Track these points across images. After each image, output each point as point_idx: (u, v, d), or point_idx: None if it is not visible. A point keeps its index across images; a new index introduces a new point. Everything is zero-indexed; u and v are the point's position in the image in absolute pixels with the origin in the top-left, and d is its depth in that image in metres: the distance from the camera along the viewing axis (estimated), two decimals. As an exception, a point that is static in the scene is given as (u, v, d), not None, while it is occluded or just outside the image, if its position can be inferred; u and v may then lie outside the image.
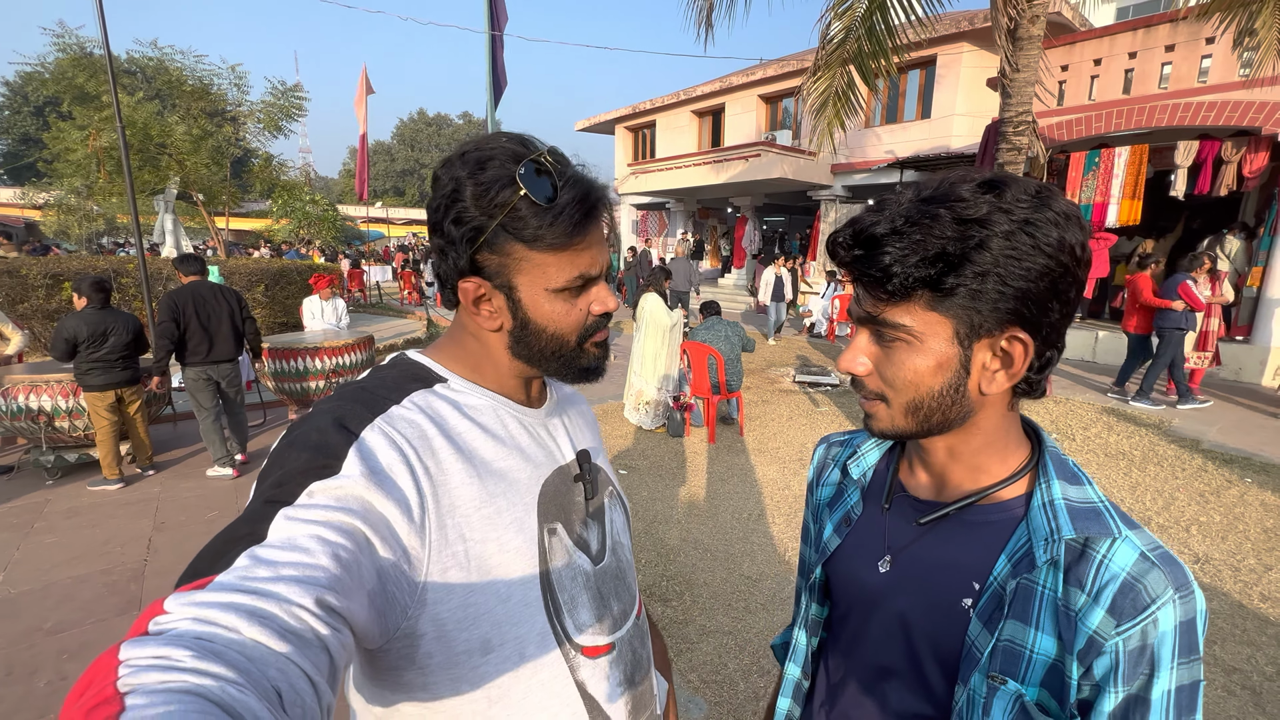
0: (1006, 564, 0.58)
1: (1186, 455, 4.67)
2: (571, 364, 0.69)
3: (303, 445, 0.54)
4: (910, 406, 0.58)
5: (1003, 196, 0.52)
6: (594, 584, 0.71)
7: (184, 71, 10.19)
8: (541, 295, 0.65)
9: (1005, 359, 0.56)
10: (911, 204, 0.54)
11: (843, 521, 0.73)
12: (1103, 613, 0.52)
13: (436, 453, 0.59)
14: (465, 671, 0.60)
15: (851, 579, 0.70)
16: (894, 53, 5.82)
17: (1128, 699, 0.52)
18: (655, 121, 18.02)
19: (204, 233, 13.42)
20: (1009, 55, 4.78)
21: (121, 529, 3.55)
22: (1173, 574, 0.53)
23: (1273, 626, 2.62)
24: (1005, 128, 4.97)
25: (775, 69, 14.24)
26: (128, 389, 4.07)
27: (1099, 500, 0.58)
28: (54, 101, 10.55)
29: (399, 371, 0.67)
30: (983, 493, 0.61)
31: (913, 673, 0.64)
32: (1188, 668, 0.52)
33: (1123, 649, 0.51)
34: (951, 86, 11.42)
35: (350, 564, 0.48)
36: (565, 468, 0.73)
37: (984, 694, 0.57)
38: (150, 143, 9.50)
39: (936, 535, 0.63)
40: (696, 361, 5.14)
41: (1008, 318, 0.54)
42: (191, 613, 0.39)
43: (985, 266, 0.51)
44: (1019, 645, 0.55)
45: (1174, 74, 7.34)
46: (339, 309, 6.54)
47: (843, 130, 6.45)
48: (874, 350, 0.59)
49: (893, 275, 0.53)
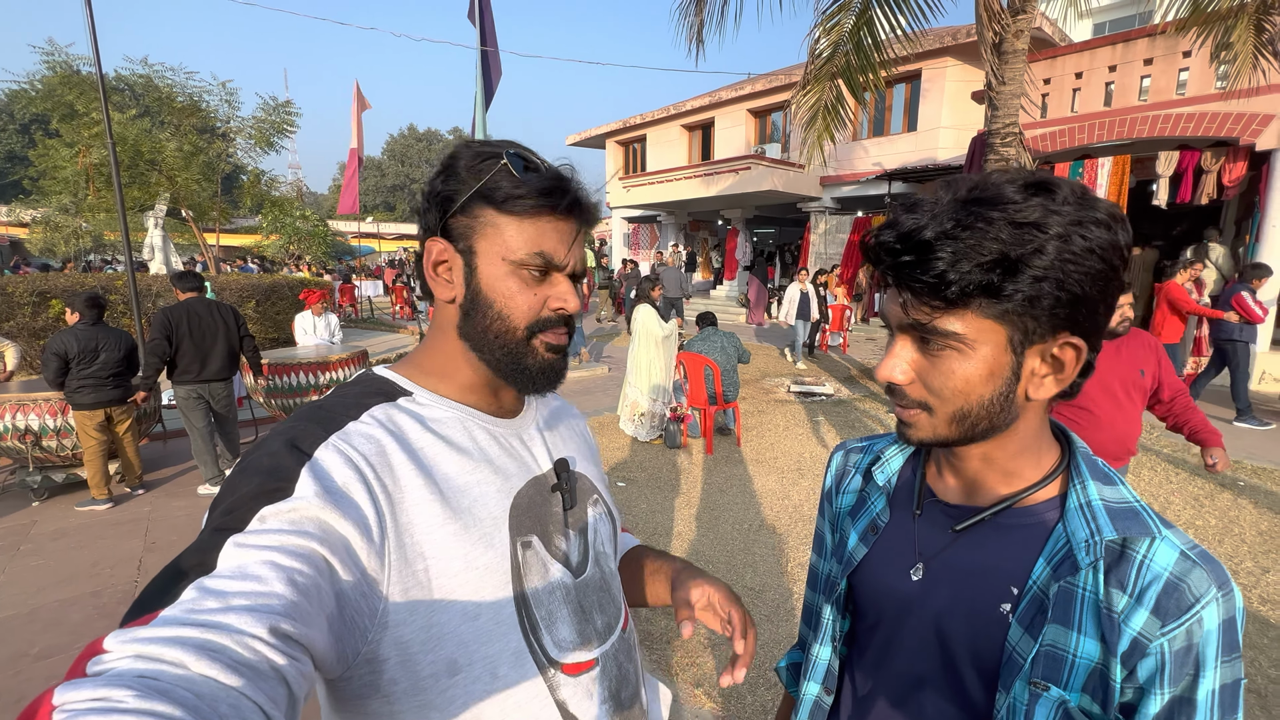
0: (1046, 567, 0.56)
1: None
2: (518, 360, 0.65)
3: (254, 470, 0.52)
4: (957, 415, 0.56)
5: (1053, 198, 0.50)
6: (575, 598, 0.68)
7: (174, 88, 10.17)
8: (498, 266, 0.63)
9: (1056, 365, 0.55)
10: (956, 205, 0.51)
11: (868, 529, 0.71)
12: (1147, 613, 0.52)
13: (394, 468, 0.57)
14: (433, 696, 0.57)
15: (882, 588, 0.68)
16: (881, 67, 5.93)
17: (1173, 700, 0.51)
18: (646, 135, 18.19)
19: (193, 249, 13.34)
20: (995, 69, 4.88)
21: (111, 550, 3.47)
22: (1214, 572, 0.52)
23: (1274, 629, 2.63)
24: (993, 139, 5.06)
25: (764, 84, 14.44)
26: (117, 408, 4.01)
27: (1134, 500, 0.57)
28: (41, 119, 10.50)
29: (362, 387, 0.65)
30: (1018, 496, 0.60)
31: (949, 682, 0.62)
32: (1230, 666, 0.51)
33: (1168, 650, 0.51)
34: (937, 100, 11.63)
35: (308, 588, 0.46)
36: (541, 478, 0.70)
37: (1026, 701, 0.55)
38: (141, 159, 9.44)
39: (970, 540, 0.62)
40: (693, 372, 5.14)
41: (1062, 323, 0.52)
42: (133, 650, 0.37)
43: (1042, 271, 0.49)
44: (1061, 650, 0.54)
45: (1153, 86, 7.52)
46: (331, 324, 6.50)
47: (832, 143, 6.54)
48: (917, 358, 0.56)
49: (950, 282, 0.50)
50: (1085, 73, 8.00)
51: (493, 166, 0.62)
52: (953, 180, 0.55)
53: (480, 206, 0.62)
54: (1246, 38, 5.03)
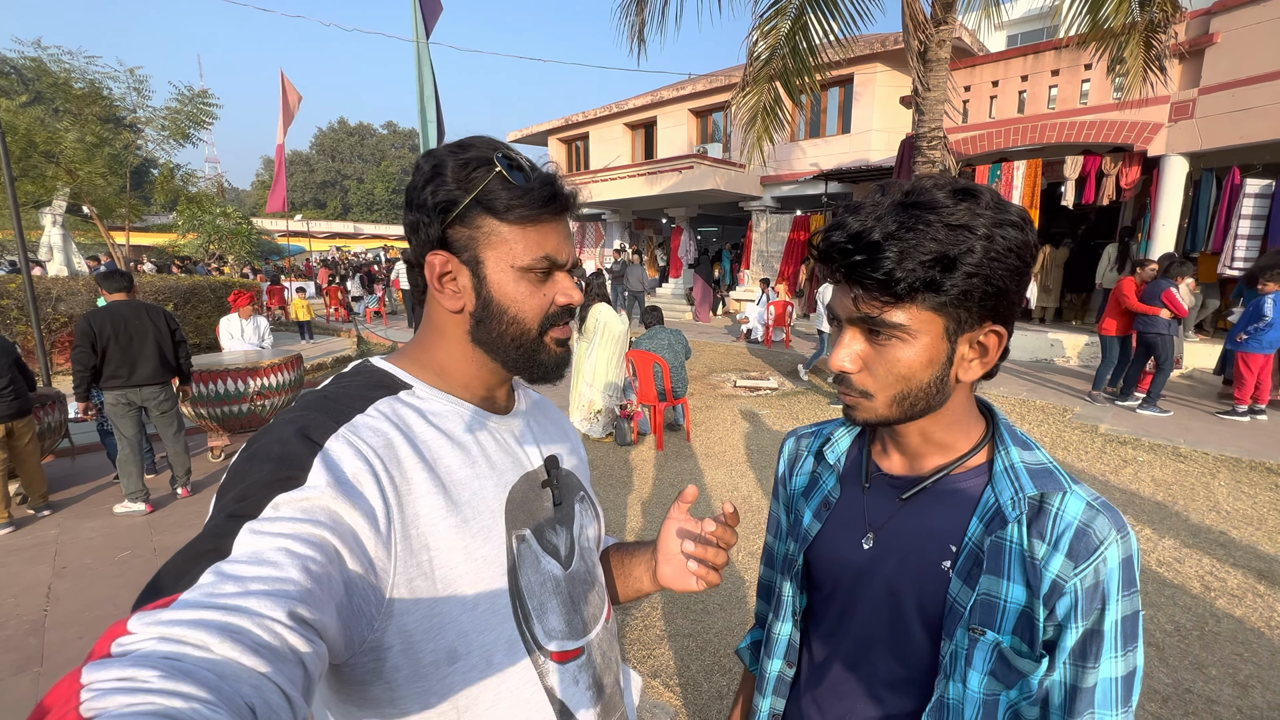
0: (979, 525, 0.63)
1: (1088, 439, 5.14)
2: (532, 357, 0.68)
3: (265, 457, 0.52)
4: (898, 398, 0.62)
5: (978, 203, 0.57)
6: (564, 589, 0.70)
7: (71, 74, 9.32)
8: (507, 273, 0.65)
9: (982, 350, 0.62)
10: (896, 208, 0.57)
11: (821, 506, 0.76)
12: (1062, 557, 0.59)
13: (402, 462, 0.58)
14: (433, 683, 0.60)
15: (836, 559, 0.73)
16: (815, 70, 6.16)
17: (1085, 633, 0.60)
18: (588, 133, 18.12)
19: (99, 248, 12.28)
20: (921, 76, 5.16)
21: (14, 578, 3.17)
22: (1114, 519, 0.61)
23: (1169, 588, 2.92)
24: (920, 143, 5.35)
25: (705, 84, 14.67)
26: (17, 421, 3.67)
27: (1049, 461, 0.65)
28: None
29: (363, 379, 0.66)
30: (952, 465, 0.67)
31: (899, 639, 0.68)
32: (1130, 599, 0.60)
33: (1080, 588, 0.59)
34: (868, 103, 12.15)
35: (320, 576, 0.47)
36: (533, 474, 0.72)
37: (966, 647, 0.62)
38: (35, 150, 8.61)
39: (913, 508, 0.68)
40: (642, 370, 5.18)
41: (988, 313, 0.60)
42: (157, 632, 0.38)
43: (973, 268, 0.56)
44: (994, 597, 0.61)
45: (1060, 95, 8.14)
46: (260, 328, 6.15)
47: (771, 143, 6.74)
48: (865, 348, 0.62)
49: (898, 279, 0.56)
50: (1001, 81, 8.56)
51: (485, 174, 0.63)
52: (887, 184, 0.61)
53: (481, 216, 0.63)
54: (1138, 53, 5.53)
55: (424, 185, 0.64)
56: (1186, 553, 3.25)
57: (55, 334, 7.16)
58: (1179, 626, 2.62)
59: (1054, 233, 10.36)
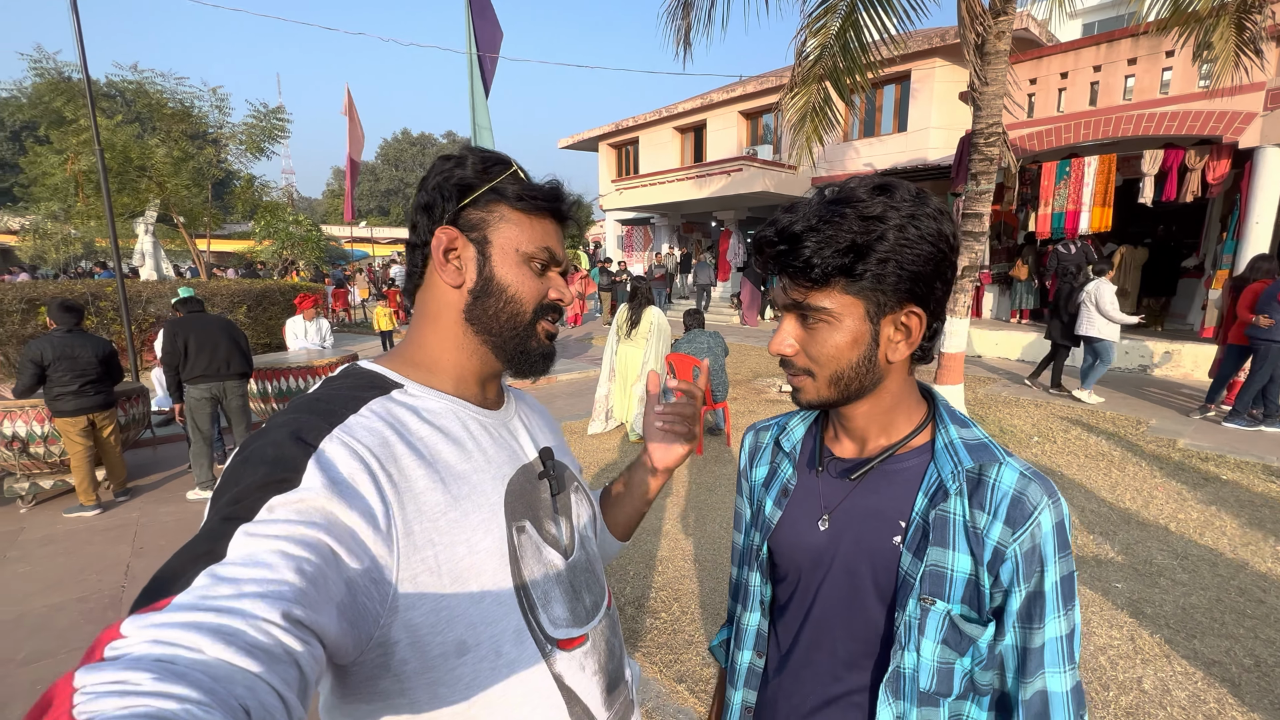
0: (924, 499, 0.68)
1: (1164, 454, 4.76)
2: (523, 343, 0.71)
3: (259, 460, 0.53)
4: (833, 378, 0.68)
5: (892, 197, 0.62)
6: (566, 578, 0.72)
7: (164, 94, 10.16)
8: (511, 255, 0.69)
9: (905, 331, 0.67)
10: (821, 205, 0.64)
11: (780, 494, 0.80)
12: (1001, 524, 0.64)
13: (399, 459, 0.59)
14: (442, 674, 0.60)
15: (796, 543, 0.76)
16: (868, 69, 5.98)
17: (1029, 595, 0.64)
18: (638, 138, 18.24)
19: (185, 255, 13.30)
20: (978, 70, 4.92)
21: (99, 556, 3.47)
22: (1044, 485, 0.65)
23: (1249, 620, 2.67)
24: (977, 139, 5.10)
25: (755, 85, 14.51)
26: (100, 413, 4.01)
27: (984, 437, 0.70)
28: (31, 126, 10.46)
29: (353, 381, 0.66)
30: (897, 445, 0.72)
31: (857, 616, 0.71)
32: (1065, 560, 0.64)
33: (1020, 552, 0.63)
34: (926, 100, 11.71)
35: (316, 577, 0.48)
36: (529, 466, 0.73)
37: (918, 616, 0.66)
38: (130, 166, 9.42)
39: (864, 488, 0.72)
40: (682, 372, 5.17)
41: (905, 296, 0.65)
42: (150, 635, 0.38)
43: (885, 254, 0.62)
44: (943, 567, 0.65)
45: (1137, 86, 7.60)
46: (322, 329, 6.51)
47: (820, 145, 6.59)
48: (800, 333, 0.68)
49: (813, 265, 0.62)
50: (1070, 73, 8.08)
51: (502, 170, 0.69)
52: (824, 186, 0.68)
53: (494, 202, 0.68)
54: (1228, 36, 5.10)
55: (442, 172, 0.69)
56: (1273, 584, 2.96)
57: (145, 333, 7.79)
58: (1259, 661, 2.39)
59: (1131, 232, 9.68)
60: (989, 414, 6.00)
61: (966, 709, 0.67)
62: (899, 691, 0.66)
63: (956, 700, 0.66)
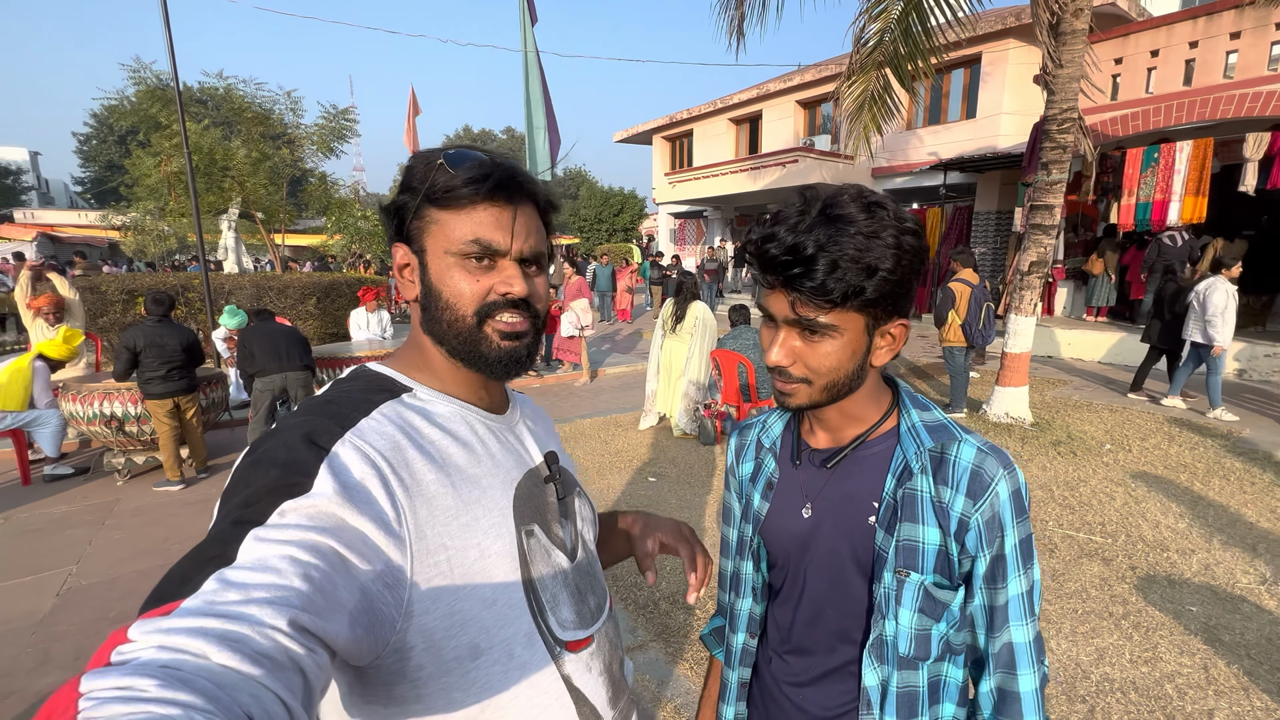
0: (893, 480, 0.73)
1: (1256, 470, 4.35)
2: (472, 347, 0.67)
3: (270, 462, 0.52)
4: (829, 386, 0.71)
5: (883, 215, 0.65)
6: (572, 581, 0.72)
7: (246, 99, 10.87)
8: (442, 259, 0.65)
9: (891, 340, 0.72)
10: (821, 221, 0.64)
11: (766, 487, 0.85)
12: (963, 497, 0.70)
13: (410, 464, 0.59)
14: (456, 678, 0.61)
15: (784, 532, 0.81)
16: (932, 53, 5.70)
17: (992, 559, 0.70)
18: (692, 130, 18.10)
19: (263, 249, 14.21)
20: (1051, 51, 4.61)
21: (182, 527, 3.79)
22: (1000, 458, 0.71)
23: (1348, 654, 2.41)
24: (1049, 126, 4.79)
25: (813, 74, 14.10)
26: (184, 397, 4.36)
27: (943, 418, 0.76)
28: (135, 131, 11.42)
29: (364, 383, 0.67)
30: (867, 433, 0.77)
31: (843, 593, 0.76)
32: (1023, 524, 0.71)
33: (981, 521, 0.69)
34: (998, 85, 11.06)
35: (325, 584, 0.47)
36: (535, 470, 0.74)
37: (894, 587, 0.72)
38: (215, 166, 10.16)
39: (840, 474, 0.78)
40: (727, 369, 5.12)
41: (895, 310, 0.69)
42: (157, 640, 0.38)
43: (888, 273, 0.65)
44: (915, 541, 0.71)
45: (1240, 62, 6.92)
46: (384, 320, 6.82)
47: (879, 134, 6.34)
48: (799, 345, 0.70)
49: (831, 289, 0.64)
50: (1163, 50, 7.44)
51: (432, 170, 0.65)
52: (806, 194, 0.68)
53: (425, 207, 0.66)
54: (1348, 5, 4.57)
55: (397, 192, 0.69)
56: (1380, 614, 2.66)
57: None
58: (1356, 702, 2.16)
59: (1229, 223, 8.84)
60: (1056, 419, 5.65)
61: (944, 669, 0.74)
62: (882, 657, 0.73)
63: (935, 663, 0.73)
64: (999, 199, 11.04)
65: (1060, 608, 2.76)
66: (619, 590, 2.97)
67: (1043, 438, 5.12)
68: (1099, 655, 2.44)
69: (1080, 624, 2.64)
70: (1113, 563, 3.14)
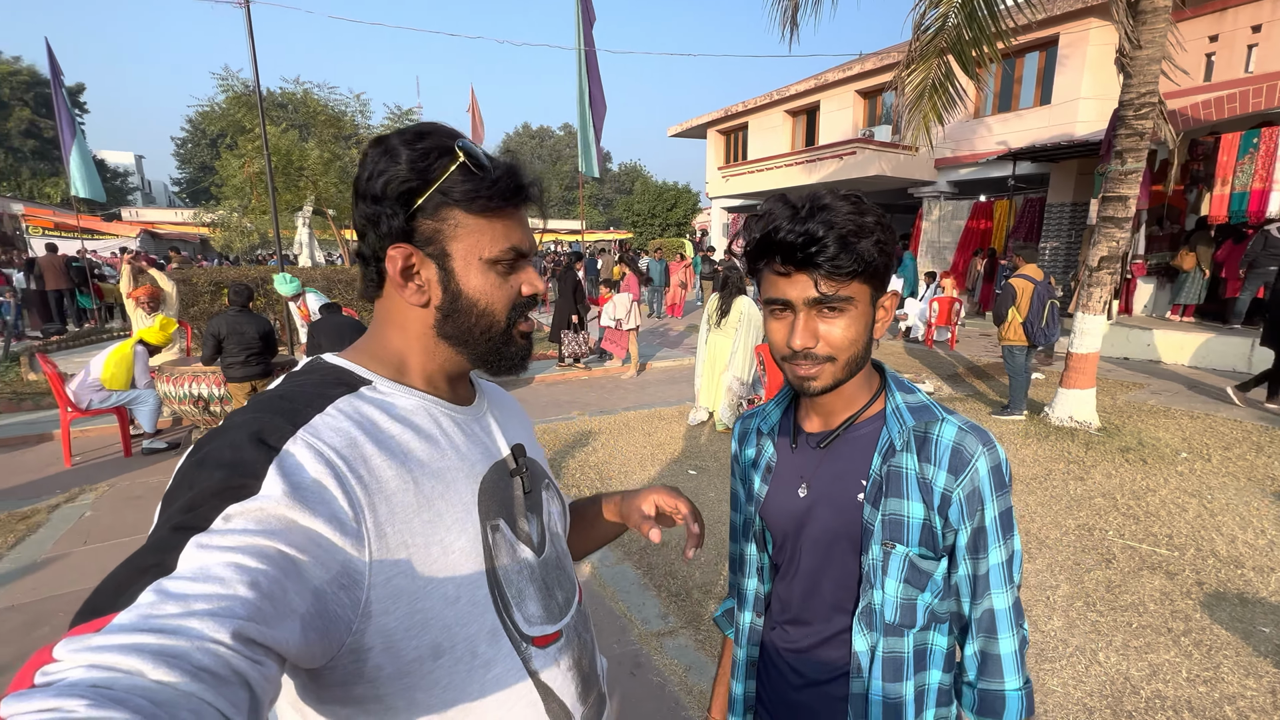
0: (879, 458, 0.78)
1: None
2: (499, 350, 0.67)
3: (215, 464, 0.49)
4: (850, 360, 0.76)
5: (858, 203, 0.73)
6: (539, 576, 0.71)
7: (321, 102, 11.56)
8: (475, 265, 0.63)
9: (885, 312, 0.80)
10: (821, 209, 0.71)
11: (766, 470, 0.90)
12: (945, 473, 0.75)
13: (368, 460, 0.56)
14: (417, 679, 0.59)
15: (783, 511, 0.86)
16: (999, 38, 5.43)
17: (973, 531, 0.76)
18: (747, 123, 17.85)
19: (334, 244, 15.07)
20: (1129, 32, 4.31)
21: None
22: (980, 436, 0.76)
23: None
24: (1125, 111, 4.48)
25: (874, 62, 13.63)
26: (261, 381, 4.74)
27: (926, 400, 0.82)
28: (223, 135, 12.36)
29: (319, 377, 0.63)
30: (856, 415, 0.82)
31: (838, 565, 0.82)
32: (1002, 498, 0.76)
33: (962, 495, 0.74)
34: (1077, 68, 10.37)
35: (274, 592, 0.45)
36: (502, 463, 0.72)
37: (881, 559, 0.77)
38: (291, 167, 10.88)
39: (832, 455, 0.83)
40: (772, 365, 5.09)
41: (885, 283, 0.77)
42: (86, 659, 0.36)
43: (882, 247, 0.73)
44: (900, 515, 0.76)
45: (1360, 36, 6.23)
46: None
47: (940, 124, 6.10)
48: (819, 325, 0.75)
49: (845, 263, 0.71)
50: (1266, 25, 6.80)
51: (447, 164, 0.61)
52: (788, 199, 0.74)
53: (445, 207, 0.61)
54: None
55: (378, 175, 0.61)
56: None
57: (300, 313, 9.00)
58: None
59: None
60: (1126, 424, 5.31)
61: (930, 638, 0.79)
62: (871, 624, 0.78)
63: (920, 631, 0.78)
64: (1074, 190, 10.37)
65: (1113, 620, 2.64)
66: (653, 578, 3.04)
67: (1109, 443, 4.83)
68: (1152, 671, 2.32)
69: (1134, 638, 2.51)
70: (1177, 577, 2.95)
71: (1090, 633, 2.55)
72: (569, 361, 7.88)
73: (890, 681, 0.77)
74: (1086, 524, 3.52)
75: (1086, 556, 3.17)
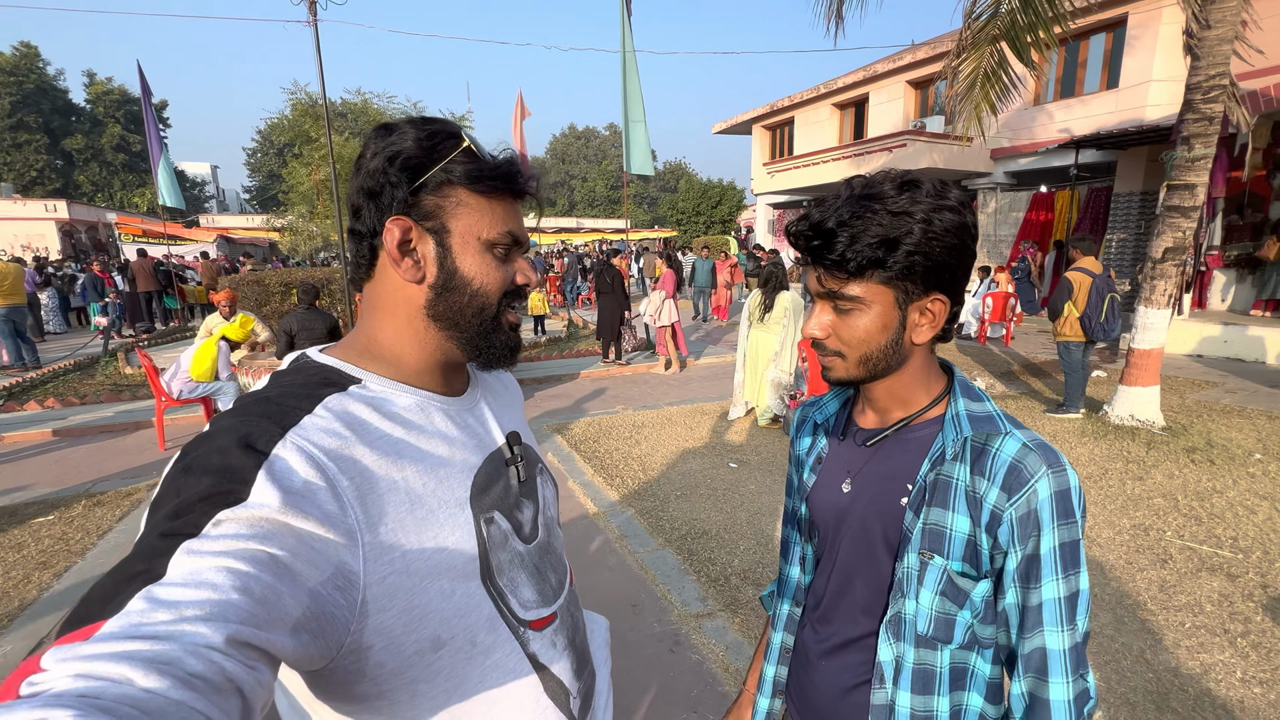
0: (928, 465, 0.74)
1: None
2: (489, 336, 0.68)
3: (203, 469, 0.49)
4: (862, 359, 0.74)
5: (919, 192, 0.68)
6: (531, 562, 0.71)
7: (381, 111, 12.14)
8: (472, 245, 0.64)
9: (930, 316, 0.73)
10: (851, 200, 0.69)
11: (815, 461, 0.90)
12: (998, 490, 0.69)
13: (359, 460, 0.56)
14: (419, 671, 0.60)
15: (825, 504, 0.85)
16: (1056, 21, 5.24)
17: (1025, 558, 0.68)
18: (794, 118, 17.62)
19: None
20: (1196, 12, 4.11)
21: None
22: (1046, 456, 0.69)
23: None
24: (1192, 95, 4.27)
25: (926, 51, 13.24)
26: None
27: (995, 411, 0.75)
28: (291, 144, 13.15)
29: (306, 376, 0.62)
30: (912, 417, 0.78)
31: (872, 568, 0.79)
32: (1067, 528, 0.67)
33: (1014, 516, 0.68)
34: (1147, 49, 9.80)
35: (267, 596, 0.44)
36: (496, 452, 0.72)
37: (917, 568, 0.73)
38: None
39: (881, 454, 0.80)
40: (814, 360, 5.09)
41: (932, 285, 0.71)
42: (73, 669, 0.35)
43: (913, 247, 0.67)
44: (942, 527, 0.72)
45: None
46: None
47: (992, 113, 5.92)
48: (832, 319, 0.74)
49: (848, 259, 0.68)
50: (1362, -5, 6.28)
51: (453, 146, 0.63)
52: (851, 181, 0.72)
53: (448, 185, 0.62)
54: None
55: (384, 151, 0.62)
56: None
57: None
58: None
59: None
60: (1195, 423, 5.05)
61: (972, 660, 0.74)
62: (899, 634, 0.75)
63: (960, 650, 0.73)
64: (1144, 178, 9.80)
65: (1165, 619, 2.58)
66: (693, 564, 3.14)
67: (1174, 443, 4.62)
68: (1203, 670, 2.27)
69: (1186, 637, 2.46)
70: (1239, 579, 2.85)
71: (1139, 631, 2.51)
72: (611, 358, 8.09)
73: (920, 694, 0.74)
74: (1143, 524, 3.41)
75: (1140, 556, 3.08)
